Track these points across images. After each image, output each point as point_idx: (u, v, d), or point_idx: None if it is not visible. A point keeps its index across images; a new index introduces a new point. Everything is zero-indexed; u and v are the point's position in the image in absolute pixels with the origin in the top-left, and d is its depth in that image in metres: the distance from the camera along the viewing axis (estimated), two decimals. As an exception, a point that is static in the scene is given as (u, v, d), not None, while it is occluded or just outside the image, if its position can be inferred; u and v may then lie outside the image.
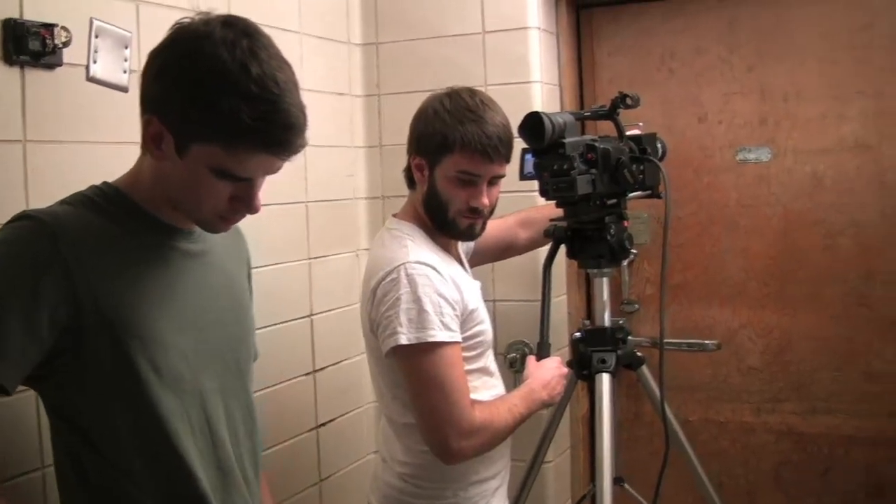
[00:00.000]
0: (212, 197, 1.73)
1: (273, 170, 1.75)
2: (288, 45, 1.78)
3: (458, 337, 2.45)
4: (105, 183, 1.81)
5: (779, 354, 3.43)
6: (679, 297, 3.54)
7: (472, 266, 2.85)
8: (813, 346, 3.38)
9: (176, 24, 1.73)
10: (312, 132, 1.73)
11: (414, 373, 2.43)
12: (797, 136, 3.36)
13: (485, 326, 2.62)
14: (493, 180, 2.56)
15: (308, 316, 3.17)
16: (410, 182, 2.65)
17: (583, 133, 2.74)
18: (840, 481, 3.39)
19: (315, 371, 3.19)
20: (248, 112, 1.61)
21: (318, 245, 3.22)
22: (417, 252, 2.48)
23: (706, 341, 3.31)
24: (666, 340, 2.66)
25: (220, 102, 1.61)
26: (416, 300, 2.39)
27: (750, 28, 3.41)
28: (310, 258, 3.18)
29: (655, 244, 3.50)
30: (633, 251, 2.75)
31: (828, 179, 3.32)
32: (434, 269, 2.45)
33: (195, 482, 1.78)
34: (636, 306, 3.59)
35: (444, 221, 2.56)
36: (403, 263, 2.43)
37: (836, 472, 3.39)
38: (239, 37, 1.65)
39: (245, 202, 1.76)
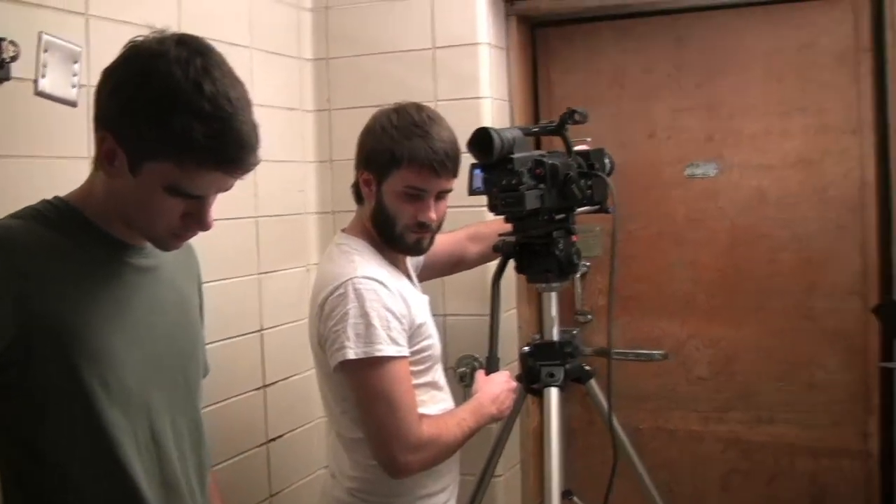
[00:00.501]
0: (164, 214, 1.73)
1: (226, 187, 1.76)
2: (238, 61, 1.77)
3: (405, 351, 2.47)
4: (56, 197, 1.81)
5: (726, 365, 3.51)
6: (630, 309, 3.61)
7: (421, 281, 2.87)
8: (758, 358, 3.46)
9: (130, 42, 1.73)
10: (263, 147, 1.74)
11: (361, 387, 2.44)
12: (743, 152, 3.44)
13: (433, 341, 2.63)
14: (441, 195, 2.58)
15: (258, 331, 3.16)
16: (358, 197, 2.66)
17: (539, 148, 2.78)
18: (785, 490, 3.46)
19: (265, 386, 3.19)
20: (202, 130, 1.62)
21: (268, 260, 3.22)
22: (365, 267, 2.50)
23: (654, 351, 3.42)
24: (615, 350, 2.71)
25: (174, 121, 1.62)
26: (364, 315, 2.41)
27: (697, 46, 3.49)
28: (260, 273, 3.18)
29: (608, 257, 3.49)
30: (586, 264, 2.79)
31: (772, 194, 3.41)
32: (382, 283, 2.47)
33: (140, 498, 1.78)
34: (589, 317, 3.66)
35: (392, 236, 2.58)
36: (351, 278, 2.45)
37: (781, 480, 3.47)
38: (193, 55, 1.66)
39: (198, 219, 1.77)
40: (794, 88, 3.36)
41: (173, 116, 1.62)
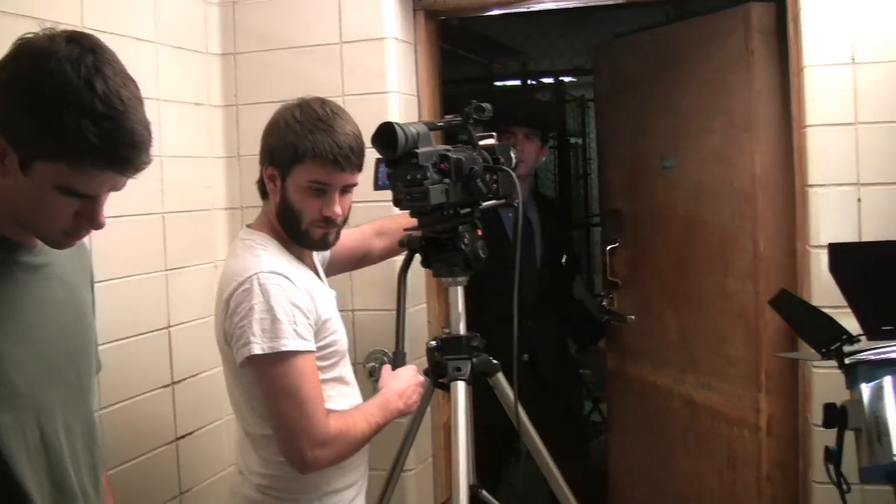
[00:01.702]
0: (56, 214, 1.73)
1: (118, 187, 1.76)
2: (143, 55, 1.75)
3: (311, 346, 2.48)
4: None
5: (683, 333, 3.96)
6: (635, 280, 4.25)
7: (328, 275, 2.87)
8: (701, 329, 3.87)
9: (20, 38, 1.71)
10: (170, 142, 1.73)
11: (268, 382, 2.45)
12: (688, 147, 3.88)
13: (339, 336, 2.65)
14: (346, 189, 2.58)
15: (165, 328, 3.16)
16: (264, 193, 2.66)
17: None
18: (715, 451, 3.81)
19: (174, 383, 3.18)
20: (93, 130, 1.62)
21: (175, 256, 3.21)
22: (270, 262, 2.50)
23: (629, 316, 4.21)
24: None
25: (65, 120, 1.61)
26: (270, 310, 2.41)
27: (656, 56, 4.02)
28: (167, 269, 3.17)
29: (632, 237, 4.25)
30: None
31: (704, 185, 3.78)
32: (287, 278, 2.47)
33: (28, 502, 1.75)
34: (619, 284, 4.31)
35: (297, 232, 2.58)
36: (256, 273, 2.45)
37: (713, 442, 3.84)
38: (84, 53, 1.65)
39: (90, 219, 1.76)
40: (713, 91, 3.72)
41: (65, 116, 1.61)
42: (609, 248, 4.31)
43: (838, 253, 2.43)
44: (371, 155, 2.63)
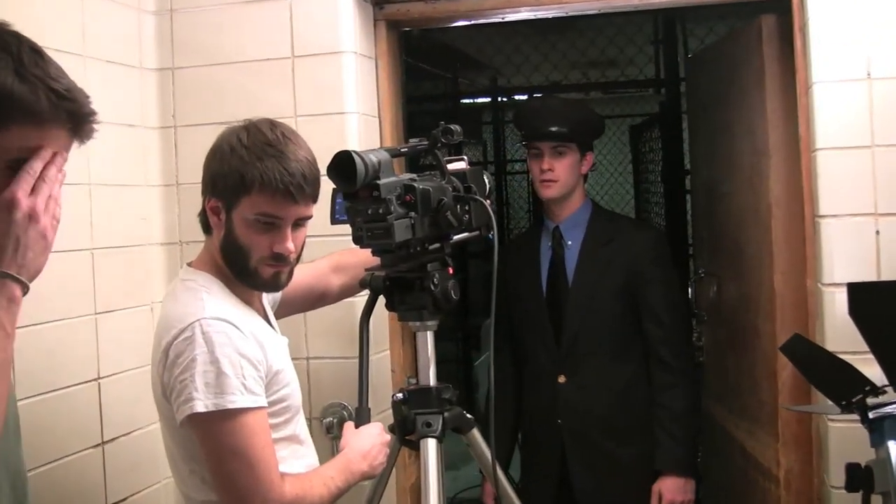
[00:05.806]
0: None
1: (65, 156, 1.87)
2: (70, 70, 1.81)
3: (262, 401, 2.44)
4: None
5: (736, 374, 4.07)
6: (716, 312, 4.37)
7: (279, 317, 2.85)
8: (744, 372, 3.97)
9: None
10: (99, 169, 1.80)
11: (213, 443, 2.41)
12: (734, 169, 4.04)
13: (291, 389, 2.61)
14: (298, 223, 2.54)
15: (95, 380, 3.11)
16: (206, 227, 2.61)
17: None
18: (752, 490, 3.89)
19: (104, 443, 3.13)
20: (60, 84, 1.78)
21: (106, 298, 3.17)
22: (214, 306, 2.46)
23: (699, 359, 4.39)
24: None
25: (33, 82, 1.74)
26: (214, 361, 2.37)
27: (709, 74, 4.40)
28: (97, 313, 3.13)
29: (712, 265, 4.44)
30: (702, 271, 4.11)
31: (743, 211, 3.91)
32: (233, 325, 2.43)
33: None
34: (704, 316, 4.45)
35: (244, 270, 2.54)
36: (199, 319, 2.41)
37: (749, 485, 3.93)
38: (10, 37, 1.78)
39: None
40: (741, 110, 3.83)
41: (30, 78, 1.75)
42: (693, 278, 4.62)
43: (860, 294, 2.40)
44: (327, 184, 2.58)
